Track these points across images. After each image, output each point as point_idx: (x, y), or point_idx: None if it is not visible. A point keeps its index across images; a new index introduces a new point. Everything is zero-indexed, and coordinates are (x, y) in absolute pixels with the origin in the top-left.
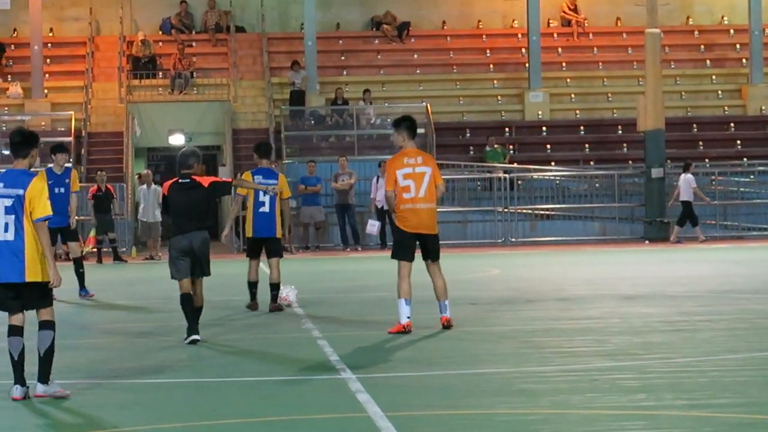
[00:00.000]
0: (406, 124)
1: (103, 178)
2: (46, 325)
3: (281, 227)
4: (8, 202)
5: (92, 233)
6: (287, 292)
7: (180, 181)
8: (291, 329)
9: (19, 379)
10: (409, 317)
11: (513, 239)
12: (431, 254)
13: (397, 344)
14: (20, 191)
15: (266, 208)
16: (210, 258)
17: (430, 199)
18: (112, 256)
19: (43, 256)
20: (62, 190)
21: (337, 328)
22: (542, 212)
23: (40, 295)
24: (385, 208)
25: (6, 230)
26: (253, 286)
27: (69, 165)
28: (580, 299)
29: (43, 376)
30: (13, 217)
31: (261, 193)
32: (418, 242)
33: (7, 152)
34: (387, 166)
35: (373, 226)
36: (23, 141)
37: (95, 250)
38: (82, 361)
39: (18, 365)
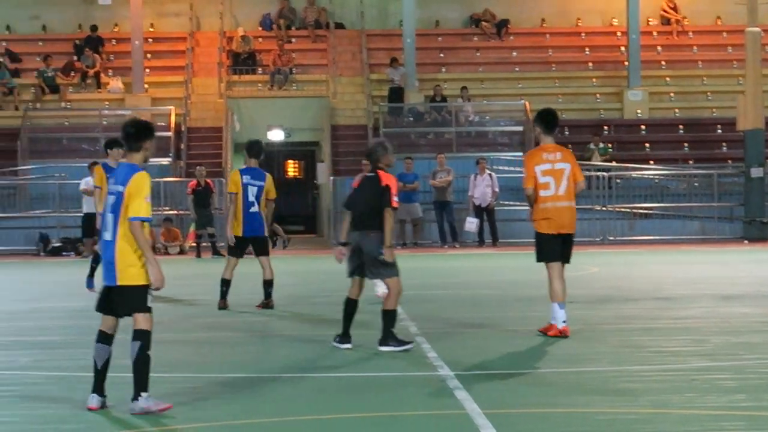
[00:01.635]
0: (542, 117)
1: (203, 173)
2: (136, 335)
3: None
4: (112, 200)
5: (192, 228)
6: (383, 289)
7: (367, 175)
8: None
9: (98, 388)
10: (565, 321)
11: (611, 238)
12: (566, 256)
13: (496, 342)
14: (121, 188)
15: (256, 208)
16: (380, 259)
17: (570, 197)
18: (210, 250)
19: (139, 259)
20: None
21: (435, 325)
22: (641, 211)
23: (130, 301)
24: (483, 205)
25: (107, 229)
26: (225, 284)
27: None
28: (678, 299)
29: (135, 391)
30: (113, 216)
31: (250, 193)
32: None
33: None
34: (525, 162)
35: (471, 224)
36: (137, 132)
37: (195, 244)
38: (178, 356)
39: (99, 374)
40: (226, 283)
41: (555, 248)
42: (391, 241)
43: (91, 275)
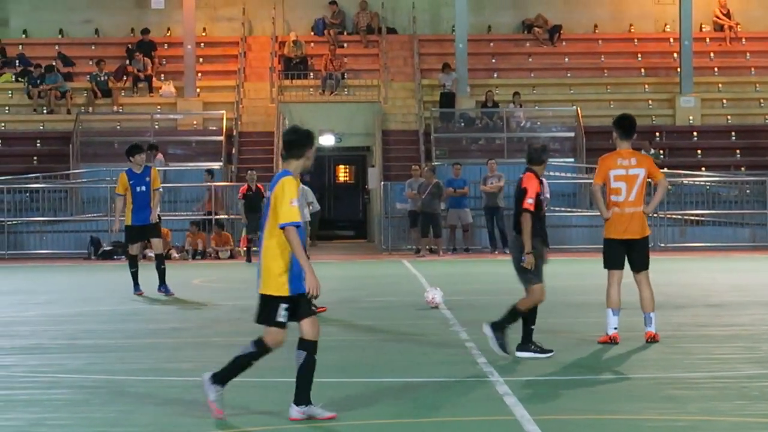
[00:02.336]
0: (618, 122)
1: (253, 178)
2: (299, 344)
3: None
4: (265, 205)
5: (244, 233)
6: (433, 294)
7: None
8: (439, 331)
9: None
10: (616, 328)
11: (662, 244)
12: (638, 263)
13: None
14: (269, 193)
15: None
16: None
17: (638, 203)
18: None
19: (283, 270)
20: (143, 188)
21: None
22: (692, 217)
23: (262, 311)
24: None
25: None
26: None
27: (149, 164)
28: (729, 305)
29: (295, 397)
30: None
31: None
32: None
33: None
34: (599, 163)
35: None
36: (299, 140)
37: (246, 248)
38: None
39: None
40: None
41: (617, 255)
42: (530, 246)
43: (135, 282)
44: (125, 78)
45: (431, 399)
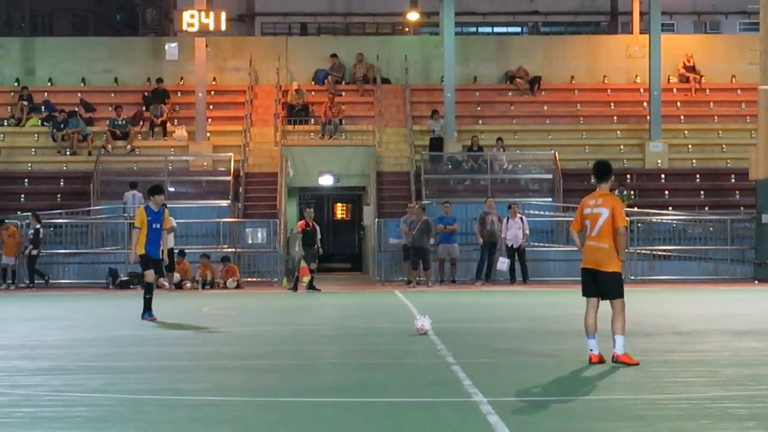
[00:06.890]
0: (594, 167)
1: (311, 215)
2: None
3: None
4: None
5: (303, 264)
6: (422, 322)
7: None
8: (427, 355)
9: None
10: (591, 350)
11: (632, 277)
12: (604, 292)
13: (527, 371)
14: None
15: None
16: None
17: (600, 239)
18: (306, 285)
19: None
20: (158, 225)
21: (470, 355)
22: (660, 253)
23: None
24: (515, 246)
25: None
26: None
27: (164, 203)
28: (694, 333)
29: None
30: None
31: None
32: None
33: (173, 189)
34: (578, 207)
35: (503, 263)
36: None
37: (302, 277)
38: (237, 381)
39: None
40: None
41: (587, 283)
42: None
43: (149, 308)
44: (142, 123)
45: (420, 417)
